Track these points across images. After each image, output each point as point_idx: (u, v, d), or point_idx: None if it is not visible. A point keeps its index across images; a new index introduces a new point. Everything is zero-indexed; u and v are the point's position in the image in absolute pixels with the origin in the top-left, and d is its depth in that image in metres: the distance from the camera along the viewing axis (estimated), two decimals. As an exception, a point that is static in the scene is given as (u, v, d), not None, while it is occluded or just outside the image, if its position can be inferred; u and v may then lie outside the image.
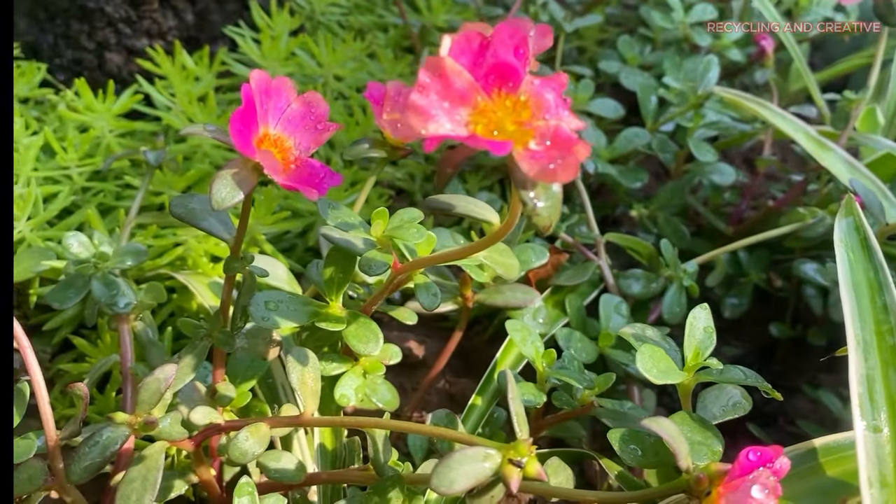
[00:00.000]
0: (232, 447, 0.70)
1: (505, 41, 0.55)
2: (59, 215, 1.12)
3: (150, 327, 0.91)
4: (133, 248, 0.90)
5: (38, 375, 0.79)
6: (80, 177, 1.15)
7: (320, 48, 1.32)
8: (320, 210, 0.76)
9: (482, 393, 0.89)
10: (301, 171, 0.65)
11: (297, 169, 0.64)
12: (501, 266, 0.78)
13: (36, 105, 1.35)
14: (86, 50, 1.37)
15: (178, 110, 1.24)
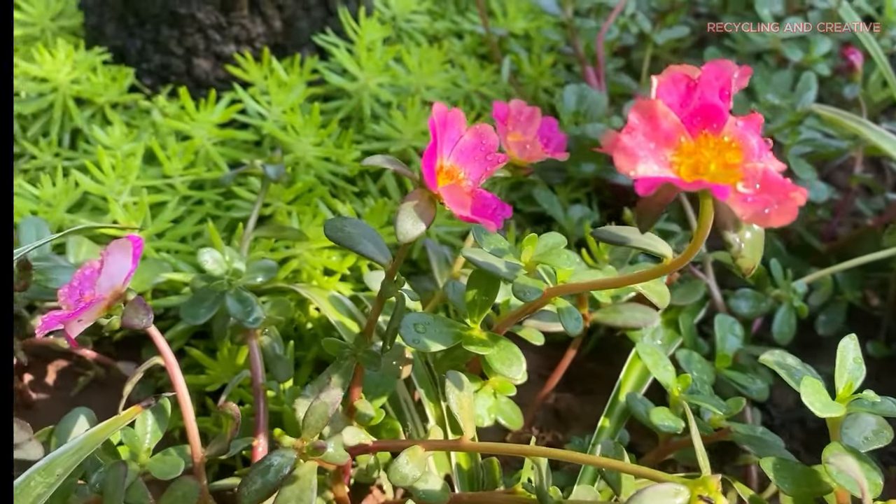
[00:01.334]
0: (393, 471, 0.71)
1: (711, 83, 0.56)
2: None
3: (276, 342, 0.92)
4: (264, 264, 0.91)
5: (184, 392, 0.80)
6: (182, 186, 1.16)
7: (412, 58, 1.32)
8: (475, 235, 0.77)
9: (609, 415, 0.90)
10: (476, 203, 0.65)
11: (473, 201, 0.65)
12: (656, 294, 0.79)
13: (124, 110, 1.36)
14: (174, 55, 1.38)
15: (272, 119, 1.24)
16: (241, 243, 0.98)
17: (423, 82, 1.32)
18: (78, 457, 0.75)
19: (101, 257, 0.80)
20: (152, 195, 1.13)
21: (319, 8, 1.44)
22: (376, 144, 1.24)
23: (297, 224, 1.07)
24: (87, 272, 0.82)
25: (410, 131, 1.23)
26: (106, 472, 0.75)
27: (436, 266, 1.04)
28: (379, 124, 1.26)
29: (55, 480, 0.73)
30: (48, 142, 1.29)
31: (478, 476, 0.82)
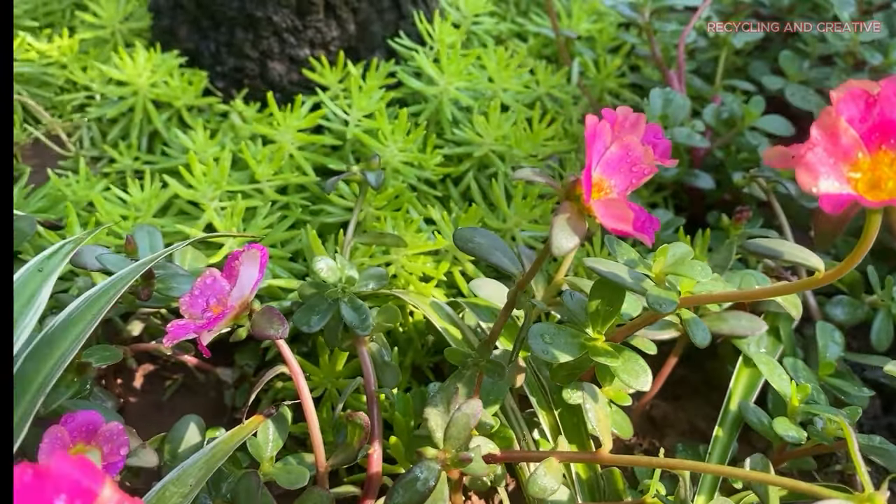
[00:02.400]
0: (531, 483, 0.71)
1: (891, 98, 0.55)
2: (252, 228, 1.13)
3: (384, 348, 0.92)
4: (376, 272, 0.91)
5: (310, 402, 0.80)
6: (270, 190, 1.16)
7: (490, 61, 1.32)
8: (609, 246, 0.76)
9: (722, 424, 0.89)
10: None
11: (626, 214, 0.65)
12: (793, 306, 0.79)
13: (198, 113, 1.36)
14: (249, 58, 1.38)
15: (353, 123, 1.24)
16: (343, 250, 0.98)
17: (500, 86, 1.32)
18: (209, 467, 0.75)
19: (228, 266, 0.81)
20: (241, 200, 1.13)
21: (392, 11, 1.44)
22: (458, 149, 1.24)
23: (390, 230, 1.07)
24: (207, 281, 0.82)
25: (491, 136, 1.23)
26: (237, 482, 0.75)
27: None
28: (459, 128, 1.26)
29: (189, 491, 0.73)
30: (127, 145, 1.30)
31: (598, 486, 0.82)
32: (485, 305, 0.96)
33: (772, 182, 1.11)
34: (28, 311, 0.66)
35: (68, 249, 0.74)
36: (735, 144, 1.33)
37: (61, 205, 1.17)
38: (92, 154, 1.32)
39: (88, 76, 1.36)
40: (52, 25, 1.51)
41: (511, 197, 1.20)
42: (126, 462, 0.76)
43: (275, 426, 0.81)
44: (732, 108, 1.31)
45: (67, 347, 0.68)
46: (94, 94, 1.37)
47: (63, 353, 0.67)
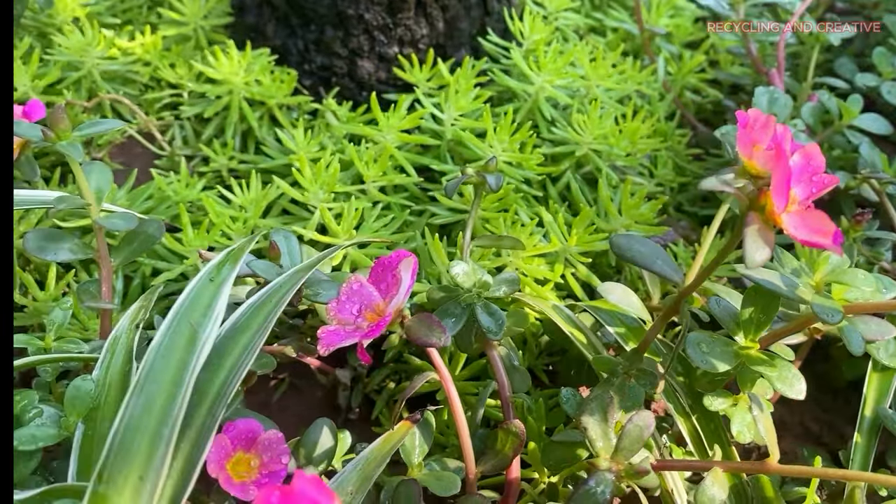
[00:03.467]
0: (700, 493, 0.70)
1: None
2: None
3: (512, 352, 0.92)
4: (508, 276, 0.90)
5: (459, 407, 0.80)
6: (375, 191, 1.15)
7: (584, 58, 1.31)
8: (776, 257, 0.76)
9: (860, 430, 0.89)
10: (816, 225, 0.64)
11: (815, 224, 0.64)
12: None
13: (286, 112, 1.35)
14: (338, 56, 1.37)
15: (449, 123, 1.23)
16: (462, 253, 0.98)
17: (594, 83, 1.30)
18: (365, 474, 0.75)
19: (375, 272, 0.80)
20: (345, 202, 1.12)
21: (478, 7, 1.43)
22: (558, 149, 1.23)
23: (504, 232, 1.07)
24: (354, 286, 0.81)
25: (591, 134, 1.22)
26: (396, 489, 0.75)
27: (648, 278, 1.03)
28: (556, 127, 1.25)
29: (350, 499, 0.73)
30: (221, 144, 1.29)
31: (745, 494, 0.82)
32: (608, 309, 0.96)
33: (885, 183, 1.10)
34: (207, 322, 0.66)
35: (237, 256, 0.73)
36: (829, 143, 1.31)
37: (163, 205, 1.17)
38: (184, 153, 1.31)
39: (177, 73, 1.35)
40: (130, 22, 1.50)
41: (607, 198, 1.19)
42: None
43: (421, 432, 0.81)
44: (829, 106, 1.29)
45: (239, 357, 0.67)
46: (182, 92, 1.36)
47: (235, 363, 0.67)
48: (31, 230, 0.89)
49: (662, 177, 1.33)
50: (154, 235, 0.92)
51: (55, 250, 0.88)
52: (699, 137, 1.44)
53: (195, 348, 0.63)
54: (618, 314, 0.96)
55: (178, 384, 0.61)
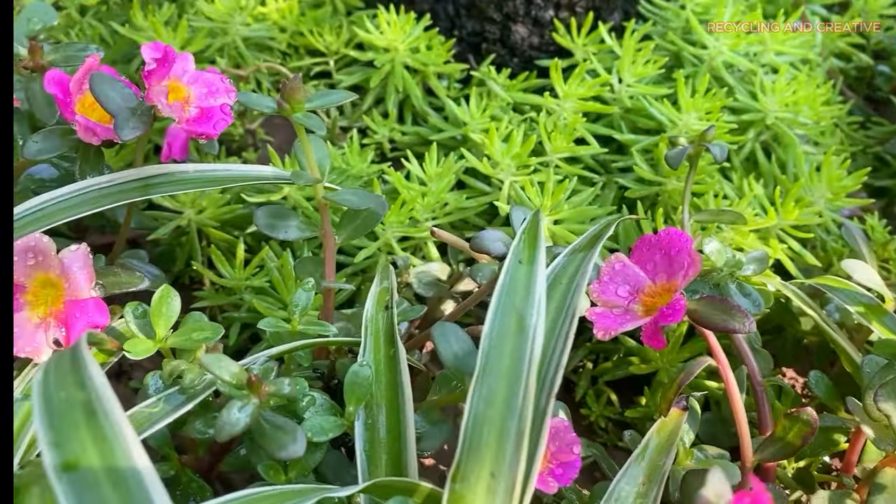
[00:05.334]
0: None
1: None
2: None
3: (755, 335, 0.88)
4: (758, 255, 0.86)
5: (736, 392, 0.76)
6: (563, 164, 1.10)
7: (761, 20, 1.25)
8: None
9: None
10: None
11: None
12: None
13: (437, 79, 1.29)
14: (491, 21, 1.31)
15: (625, 91, 1.17)
16: (684, 228, 0.93)
17: (773, 48, 1.24)
18: (653, 464, 0.72)
19: (639, 250, 0.76)
20: (530, 174, 1.07)
21: (634, -33, 1.36)
22: (744, 117, 1.17)
23: (710, 204, 1.02)
24: (616, 266, 0.77)
25: (777, 102, 1.16)
26: (685, 481, 0.72)
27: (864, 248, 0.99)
28: (739, 94, 1.19)
29: (644, 490, 0.70)
30: (380, 113, 1.24)
31: None
32: (842, 288, 0.91)
33: None
34: (529, 306, 0.62)
35: (534, 234, 0.69)
36: None
37: (339, 179, 1.12)
38: (341, 124, 1.26)
39: (325, 40, 1.30)
40: (260, -14, 1.44)
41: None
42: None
43: (688, 419, 0.77)
44: None
45: (551, 345, 0.63)
46: (329, 60, 1.31)
47: (549, 351, 0.63)
48: (261, 207, 0.85)
49: (829, 146, 1.27)
50: (377, 212, 0.87)
51: (284, 228, 0.84)
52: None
53: (525, 336, 0.59)
54: (852, 292, 0.91)
55: (517, 375, 0.57)
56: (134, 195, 0.82)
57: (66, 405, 0.48)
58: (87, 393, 0.49)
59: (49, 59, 0.91)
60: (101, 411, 0.48)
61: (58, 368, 0.52)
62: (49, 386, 0.50)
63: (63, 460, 0.45)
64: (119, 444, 0.46)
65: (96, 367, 0.51)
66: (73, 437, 0.46)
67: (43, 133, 0.83)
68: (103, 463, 0.46)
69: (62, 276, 0.75)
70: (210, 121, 0.77)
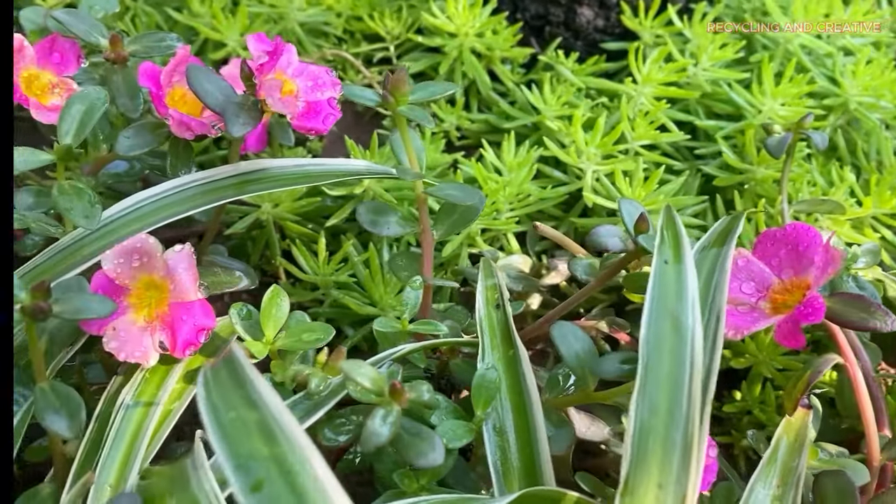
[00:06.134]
0: None
1: None
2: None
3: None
4: (871, 247, 0.83)
5: (865, 392, 0.74)
6: (644, 151, 1.08)
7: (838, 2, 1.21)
8: None
9: None
10: None
11: None
12: None
13: (500, 64, 1.26)
14: (556, 4, 1.27)
15: (704, 77, 1.14)
16: (783, 218, 0.91)
17: (848, 28, 1.21)
18: (786, 467, 0.70)
19: (762, 245, 0.74)
20: (611, 162, 1.05)
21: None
22: (825, 101, 1.14)
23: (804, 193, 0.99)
24: (739, 262, 0.75)
25: (857, 87, 1.13)
26: (819, 482, 0.70)
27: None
28: (820, 78, 1.16)
29: (781, 493, 0.68)
30: (446, 100, 1.21)
31: None
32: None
33: None
34: (684, 307, 0.59)
35: (674, 231, 0.66)
36: None
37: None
38: (405, 112, 1.23)
39: (385, 25, 1.26)
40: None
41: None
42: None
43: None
44: None
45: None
46: (388, 45, 1.27)
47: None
48: (363, 203, 0.82)
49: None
50: (476, 207, 0.84)
51: (386, 224, 0.82)
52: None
53: (683, 340, 0.57)
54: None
55: (679, 381, 0.55)
56: (230, 192, 0.79)
57: (238, 426, 0.46)
58: (259, 412, 0.46)
59: (130, 49, 0.88)
60: (278, 431, 0.45)
61: (218, 385, 0.49)
62: (214, 405, 0.48)
63: (250, 484, 0.43)
64: (305, 467, 0.44)
65: (263, 382, 0.48)
66: (253, 458, 0.44)
67: (134, 128, 0.80)
68: (286, 482, 0.44)
69: (167, 278, 0.72)
70: (318, 115, 0.74)
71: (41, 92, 0.88)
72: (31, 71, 0.88)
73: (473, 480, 0.70)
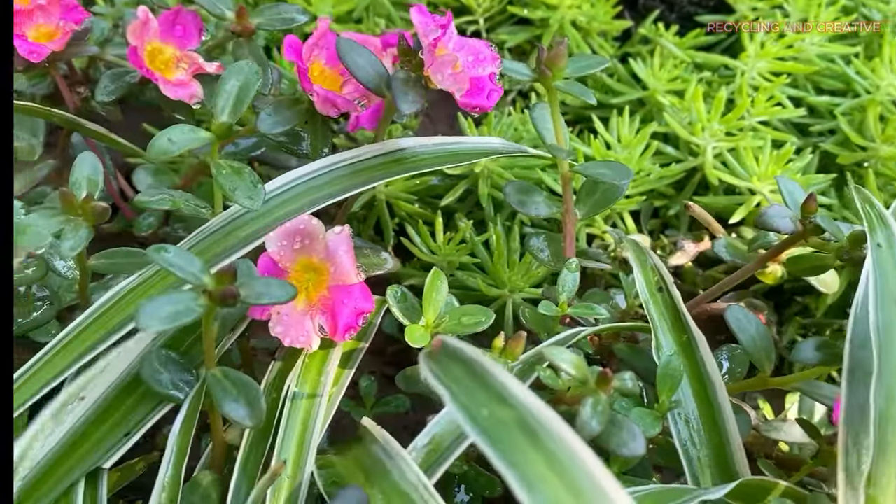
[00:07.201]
0: None
1: None
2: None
3: None
4: None
5: None
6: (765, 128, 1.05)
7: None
8: None
9: None
10: None
11: None
12: None
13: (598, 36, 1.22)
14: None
15: (813, 51, 1.11)
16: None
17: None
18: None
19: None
20: (735, 139, 1.02)
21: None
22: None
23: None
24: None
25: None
26: None
27: None
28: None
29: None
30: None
31: None
32: None
33: None
34: None
35: (878, 213, 0.64)
36: None
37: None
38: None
39: (477, -2, 1.22)
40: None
41: None
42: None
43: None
44: None
45: None
46: (478, 18, 1.23)
47: None
48: (510, 183, 0.79)
49: None
50: (620, 186, 0.82)
51: (534, 204, 0.79)
52: None
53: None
54: None
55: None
56: (379, 173, 0.76)
57: (495, 423, 0.44)
58: (514, 410, 0.44)
59: (255, 21, 0.85)
60: (540, 429, 0.43)
61: (454, 380, 0.47)
62: (463, 402, 0.45)
63: (525, 484, 0.41)
64: (575, 464, 0.42)
65: (507, 376, 0.46)
66: (523, 459, 0.42)
67: (274, 105, 0.77)
68: (561, 481, 0.42)
69: (327, 260, 0.70)
70: (482, 92, 0.71)
71: (165, 66, 0.84)
72: (154, 45, 0.84)
73: (646, 469, 0.69)
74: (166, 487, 0.62)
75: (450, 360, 0.50)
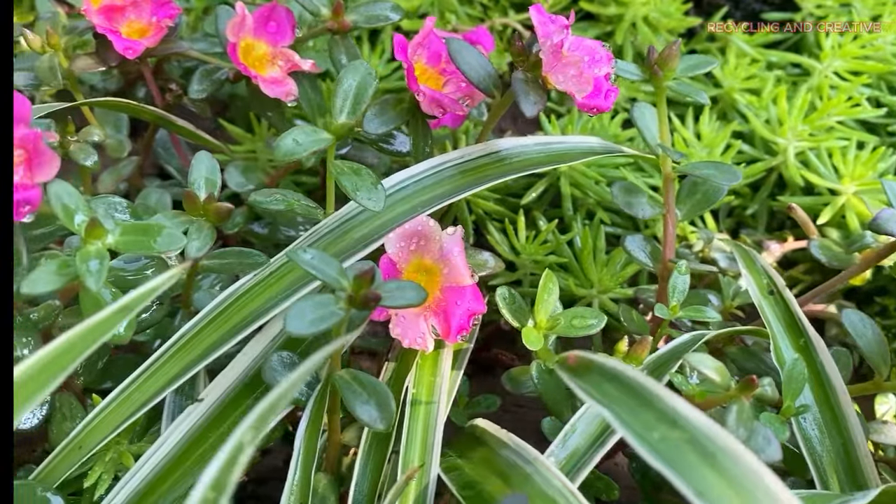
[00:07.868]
0: None
1: None
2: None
3: None
4: None
5: None
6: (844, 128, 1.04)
7: None
8: None
9: None
10: None
11: None
12: None
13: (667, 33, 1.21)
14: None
15: (892, 50, 1.10)
16: None
17: None
18: None
19: None
20: (817, 139, 1.01)
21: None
22: None
23: None
24: None
25: None
26: None
27: None
28: None
29: None
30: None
31: None
32: None
33: None
34: None
35: None
36: None
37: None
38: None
39: (544, -7, 1.21)
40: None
41: None
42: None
43: None
44: None
45: None
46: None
47: None
48: (617, 184, 0.79)
49: None
50: (720, 186, 0.81)
51: (640, 205, 0.79)
52: None
53: None
54: None
55: None
56: (488, 172, 0.76)
57: (668, 446, 0.43)
58: (685, 431, 0.44)
59: (350, 18, 0.84)
60: (716, 451, 0.43)
61: (612, 400, 0.47)
62: (629, 423, 0.45)
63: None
64: (757, 485, 0.42)
65: (675, 398, 0.46)
66: (701, 478, 0.42)
67: (378, 105, 0.76)
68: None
69: (440, 262, 0.70)
70: (600, 92, 0.70)
71: (258, 63, 0.84)
72: (247, 41, 0.84)
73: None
74: (295, 490, 0.61)
75: (602, 378, 0.49)
